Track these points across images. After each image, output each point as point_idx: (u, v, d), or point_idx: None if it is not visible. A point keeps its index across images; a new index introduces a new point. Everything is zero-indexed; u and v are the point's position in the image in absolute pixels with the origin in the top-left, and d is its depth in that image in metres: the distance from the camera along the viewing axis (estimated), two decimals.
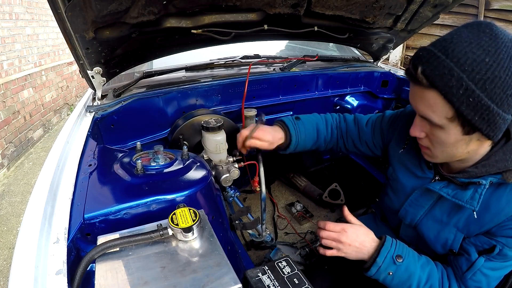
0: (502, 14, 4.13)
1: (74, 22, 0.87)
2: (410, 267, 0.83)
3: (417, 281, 0.83)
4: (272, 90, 1.64)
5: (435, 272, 0.85)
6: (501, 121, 0.63)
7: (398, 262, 0.82)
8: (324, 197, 1.91)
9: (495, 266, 0.78)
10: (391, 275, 0.83)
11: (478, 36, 0.62)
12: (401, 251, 0.84)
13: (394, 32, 1.58)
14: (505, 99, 0.61)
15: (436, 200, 0.87)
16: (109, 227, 0.74)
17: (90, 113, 1.21)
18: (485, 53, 0.60)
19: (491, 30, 0.62)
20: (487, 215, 0.77)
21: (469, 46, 0.61)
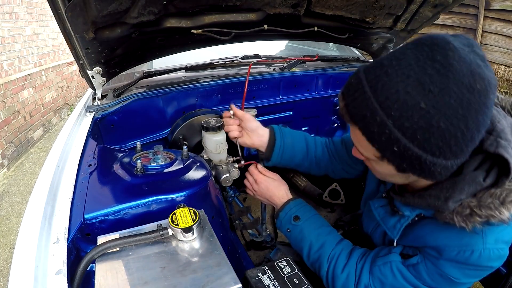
0: (502, 14, 4.14)
1: (74, 22, 0.87)
2: (304, 231, 0.89)
3: (308, 246, 0.88)
4: (272, 90, 1.64)
5: (329, 245, 0.85)
6: (442, 169, 0.54)
7: (294, 222, 0.91)
8: (324, 197, 1.91)
9: (406, 276, 0.72)
10: (289, 231, 0.92)
11: (423, 67, 0.49)
12: (302, 214, 0.91)
13: (394, 32, 1.58)
14: (447, 149, 0.51)
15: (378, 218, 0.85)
16: (109, 227, 0.74)
17: (90, 113, 1.21)
18: (423, 94, 0.48)
19: (445, 58, 0.48)
20: (409, 237, 0.74)
21: (405, 82, 0.49)
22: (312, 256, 0.87)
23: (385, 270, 0.75)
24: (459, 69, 0.47)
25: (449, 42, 0.49)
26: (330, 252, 0.84)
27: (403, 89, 0.49)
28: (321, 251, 0.86)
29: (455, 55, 0.48)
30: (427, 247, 0.69)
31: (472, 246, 0.62)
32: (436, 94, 0.48)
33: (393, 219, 0.75)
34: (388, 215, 0.77)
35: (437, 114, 0.48)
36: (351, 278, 0.80)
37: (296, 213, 0.92)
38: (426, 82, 0.48)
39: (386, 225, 0.77)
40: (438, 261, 0.67)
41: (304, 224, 0.90)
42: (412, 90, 0.49)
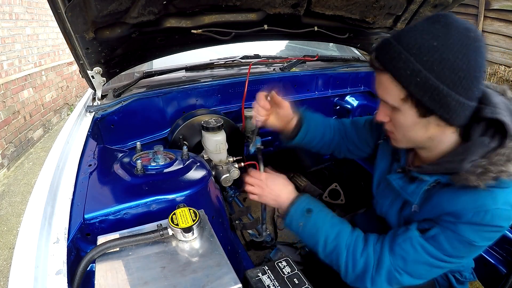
0: (502, 14, 4.14)
1: (74, 22, 0.87)
2: (318, 222, 0.88)
3: (324, 237, 0.87)
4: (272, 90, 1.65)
5: (345, 233, 0.86)
6: (456, 104, 0.65)
7: (307, 215, 0.90)
8: (324, 197, 1.91)
9: (427, 249, 0.76)
10: (301, 226, 0.91)
11: (432, 25, 0.66)
12: (314, 207, 0.91)
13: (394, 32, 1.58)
14: (457, 81, 0.64)
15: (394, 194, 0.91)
16: (109, 227, 0.74)
17: (90, 113, 1.21)
18: (434, 38, 0.64)
19: (446, 19, 0.66)
20: (427, 206, 0.79)
21: (420, 33, 0.66)
22: (329, 246, 0.86)
23: (406, 246, 0.77)
24: (456, 23, 0.65)
25: (446, 14, 0.67)
26: (346, 239, 0.84)
27: (420, 37, 0.65)
28: (337, 239, 0.85)
29: (453, 17, 0.66)
30: (444, 215, 0.74)
31: (485, 207, 0.68)
32: (443, 37, 0.64)
33: (412, 186, 0.82)
34: (407, 184, 0.83)
35: (446, 50, 0.63)
36: (370, 260, 0.80)
37: (308, 206, 0.91)
38: (435, 31, 0.65)
39: (407, 192, 0.83)
40: (456, 226, 0.72)
41: (317, 215, 0.89)
42: (426, 35, 0.65)
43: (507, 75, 4.13)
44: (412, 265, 0.77)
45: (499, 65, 4.25)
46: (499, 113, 0.69)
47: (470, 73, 0.64)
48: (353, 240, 0.84)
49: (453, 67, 0.63)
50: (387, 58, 0.69)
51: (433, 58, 0.64)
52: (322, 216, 0.90)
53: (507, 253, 1.22)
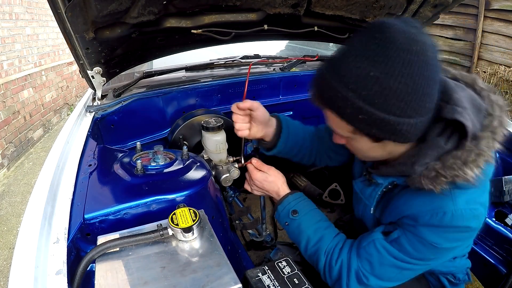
0: (502, 14, 4.14)
1: (74, 22, 0.87)
2: (301, 225, 0.89)
3: (306, 240, 0.88)
4: (272, 90, 1.64)
5: (327, 239, 0.87)
6: (408, 127, 0.59)
7: (292, 216, 0.91)
8: (324, 197, 1.91)
9: (391, 251, 0.74)
10: (287, 225, 0.93)
11: (366, 44, 0.57)
12: (300, 209, 0.91)
13: None
14: (405, 106, 0.57)
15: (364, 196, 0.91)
16: (109, 227, 0.74)
17: (90, 113, 1.21)
18: (370, 65, 0.56)
19: (382, 34, 0.56)
20: (387, 209, 0.79)
21: (355, 60, 0.58)
22: (310, 250, 0.88)
23: (370, 249, 0.78)
24: (395, 37, 0.55)
25: (383, 21, 0.58)
26: (327, 246, 0.85)
27: (355, 66, 0.58)
28: (318, 245, 0.86)
29: (390, 28, 0.56)
30: (404, 218, 0.73)
31: (443, 208, 0.66)
32: (381, 62, 0.56)
33: (369, 189, 0.83)
34: (366, 187, 0.84)
35: (386, 77, 0.56)
36: (344, 266, 0.81)
37: (294, 207, 0.92)
38: (371, 55, 0.57)
39: (365, 195, 0.84)
40: (416, 228, 0.70)
41: (302, 218, 0.90)
42: (362, 63, 0.57)
43: (507, 75, 4.12)
44: (378, 268, 0.77)
45: (499, 65, 4.25)
46: (458, 113, 0.62)
47: (418, 92, 0.57)
48: (333, 246, 0.85)
49: (398, 94, 0.56)
50: (326, 97, 0.64)
51: (373, 91, 0.56)
52: (307, 219, 0.90)
53: (507, 253, 1.22)
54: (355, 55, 0.58)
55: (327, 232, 0.88)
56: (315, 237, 0.87)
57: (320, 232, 0.88)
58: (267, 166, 1.02)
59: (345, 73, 0.59)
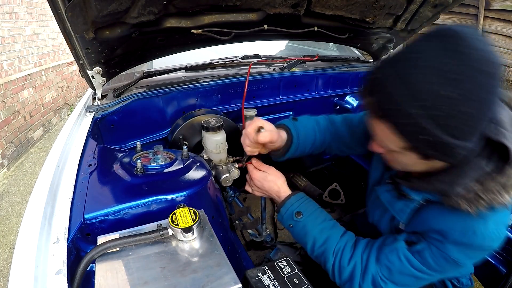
0: (502, 14, 4.13)
1: (74, 22, 0.87)
2: (307, 226, 0.88)
3: (312, 241, 0.87)
4: (272, 90, 1.64)
5: (334, 239, 0.85)
6: (463, 150, 0.57)
7: (296, 218, 0.90)
8: (324, 197, 1.91)
9: (412, 262, 0.75)
10: (291, 227, 0.92)
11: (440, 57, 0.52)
12: (304, 210, 0.90)
13: (394, 32, 1.58)
14: (468, 130, 0.55)
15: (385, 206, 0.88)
16: (109, 227, 0.74)
17: (90, 113, 1.21)
18: (444, 83, 0.52)
19: (458, 47, 0.51)
20: (415, 221, 0.77)
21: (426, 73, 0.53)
22: (317, 251, 0.87)
23: (392, 258, 0.77)
24: (473, 56, 0.51)
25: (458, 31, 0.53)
26: (335, 246, 0.84)
27: (425, 80, 0.53)
28: (325, 245, 0.85)
29: (467, 43, 0.52)
30: (432, 232, 0.72)
31: (474, 228, 0.65)
32: (456, 81, 0.51)
33: (400, 203, 0.79)
34: (395, 199, 0.80)
35: (459, 99, 0.52)
36: (358, 268, 0.80)
37: (297, 208, 0.91)
38: (445, 71, 0.52)
39: (394, 209, 0.80)
40: (443, 244, 0.70)
41: (306, 219, 0.89)
42: (435, 79, 0.52)
43: (507, 75, 4.12)
44: (397, 276, 0.77)
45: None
46: (503, 135, 0.60)
47: (482, 117, 0.55)
48: (342, 246, 0.84)
49: (466, 118, 0.53)
50: (385, 108, 0.58)
51: (443, 112, 0.52)
52: (312, 219, 0.90)
53: (507, 253, 1.22)
54: (426, 67, 0.53)
55: (334, 231, 0.87)
56: (321, 238, 0.86)
57: (326, 232, 0.87)
58: (266, 166, 1.02)
59: (414, 86, 0.53)
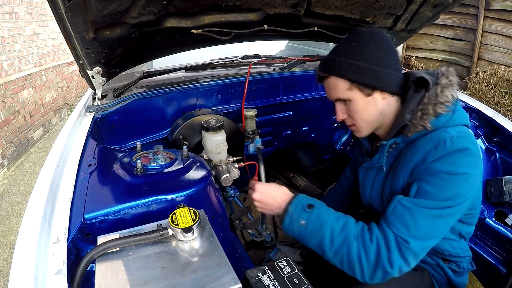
0: (502, 14, 4.13)
1: (74, 22, 0.87)
2: (322, 216, 0.85)
3: (330, 230, 0.82)
4: (272, 90, 1.65)
5: (351, 224, 0.84)
6: (385, 74, 0.85)
7: (309, 210, 0.86)
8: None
9: (419, 202, 0.78)
10: (303, 224, 0.85)
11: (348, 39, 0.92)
12: (314, 202, 0.89)
13: (394, 32, 1.58)
14: (378, 60, 0.85)
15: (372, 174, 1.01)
16: (109, 227, 0.74)
17: (90, 113, 1.21)
18: (351, 41, 0.89)
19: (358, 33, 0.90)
20: (398, 169, 0.88)
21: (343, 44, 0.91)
22: (337, 240, 0.81)
23: (398, 210, 0.80)
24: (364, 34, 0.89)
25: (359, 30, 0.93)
26: (354, 230, 0.82)
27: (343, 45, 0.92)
28: (346, 231, 0.82)
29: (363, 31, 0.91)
30: (413, 168, 0.83)
31: (442, 139, 0.80)
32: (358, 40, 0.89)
33: (375, 157, 0.96)
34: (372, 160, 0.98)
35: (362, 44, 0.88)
36: (381, 241, 0.78)
37: (308, 201, 0.89)
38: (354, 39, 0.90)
39: (373, 164, 0.98)
40: (428, 168, 0.80)
41: (320, 209, 0.87)
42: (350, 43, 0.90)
43: (507, 75, 4.12)
44: (413, 226, 0.77)
45: (499, 65, 4.24)
46: (419, 73, 0.88)
47: (384, 53, 0.86)
48: (359, 229, 0.82)
49: (372, 53, 0.85)
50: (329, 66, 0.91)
51: (356, 52, 0.86)
52: (325, 209, 0.88)
53: (507, 253, 1.22)
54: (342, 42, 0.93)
55: (349, 218, 0.86)
56: (339, 224, 0.83)
57: (342, 218, 0.85)
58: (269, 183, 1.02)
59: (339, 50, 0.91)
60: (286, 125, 1.86)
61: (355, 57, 0.86)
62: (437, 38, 4.82)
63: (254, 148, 1.14)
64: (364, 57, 0.86)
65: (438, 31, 4.78)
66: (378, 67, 0.85)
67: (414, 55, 5.04)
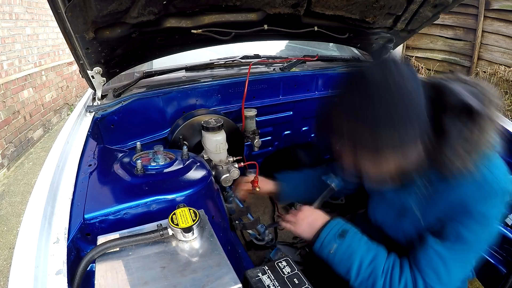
0: (502, 14, 4.13)
1: (74, 22, 0.87)
2: (352, 245, 0.84)
3: (359, 261, 0.81)
4: (272, 90, 1.64)
5: (382, 257, 0.82)
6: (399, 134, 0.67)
7: (340, 239, 0.85)
8: None
9: (449, 246, 0.74)
10: (332, 252, 0.85)
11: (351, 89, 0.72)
12: (347, 230, 0.86)
13: (394, 32, 1.58)
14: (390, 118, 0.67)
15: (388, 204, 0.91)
16: (109, 227, 0.74)
17: (90, 113, 1.21)
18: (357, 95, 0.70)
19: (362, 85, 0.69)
20: (432, 209, 0.79)
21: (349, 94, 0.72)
22: (364, 272, 0.81)
23: (429, 256, 0.76)
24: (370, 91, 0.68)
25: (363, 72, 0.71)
26: (384, 264, 0.80)
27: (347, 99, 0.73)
28: (374, 264, 0.80)
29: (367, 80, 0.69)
30: (451, 209, 0.75)
31: (485, 180, 0.71)
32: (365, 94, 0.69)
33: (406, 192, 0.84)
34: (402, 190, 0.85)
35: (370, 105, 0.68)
36: (409, 285, 0.76)
37: (341, 229, 0.87)
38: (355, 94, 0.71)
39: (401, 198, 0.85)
40: (468, 210, 0.73)
41: (352, 239, 0.85)
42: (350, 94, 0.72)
43: (507, 75, 4.12)
44: (444, 273, 0.75)
45: (499, 65, 4.25)
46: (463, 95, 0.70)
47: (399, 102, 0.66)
48: (391, 265, 0.80)
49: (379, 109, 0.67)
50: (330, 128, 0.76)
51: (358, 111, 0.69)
52: (357, 239, 0.85)
53: (507, 253, 1.22)
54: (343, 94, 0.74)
55: (380, 250, 0.83)
56: (368, 256, 0.81)
57: (373, 250, 0.83)
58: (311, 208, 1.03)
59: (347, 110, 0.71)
60: (286, 125, 1.86)
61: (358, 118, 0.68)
62: (437, 38, 4.82)
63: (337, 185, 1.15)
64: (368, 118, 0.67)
65: (438, 31, 4.78)
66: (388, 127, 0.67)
67: (414, 55, 5.04)
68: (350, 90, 0.72)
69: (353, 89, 0.71)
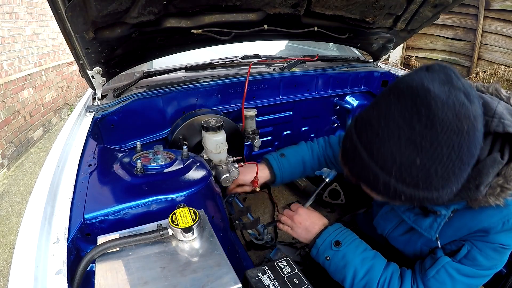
0: (502, 14, 4.14)
1: (74, 22, 0.87)
2: (347, 256, 0.82)
3: (352, 273, 0.80)
4: (272, 90, 1.64)
5: (378, 270, 0.80)
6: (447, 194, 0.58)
7: (335, 248, 0.83)
8: (324, 197, 1.90)
9: (464, 270, 0.73)
10: (328, 260, 0.84)
11: (411, 124, 0.51)
12: (343, 239, 0.84)
13: (394, 32, 1.58)
14: (446, 183, 0.56)
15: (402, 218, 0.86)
16: (109, 227, 0.74)
17: (90, 113, 1.21)
18: (415, 152, 0.52)
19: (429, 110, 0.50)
20: (449, 230, 0.75)
21: (397, 143, 0.52)
22: (358, 284, 0.80)
23: (442, 277, 0.74)
24: (444, 117, 0.50)
25: (429, 90, 0.51)
26: (379, 277, 0.79)
27: (398, 150, 0.53)
28: (368, 276, 0.79)
29: (438, 102, 0.50)
30: (472, 233, 0.72)
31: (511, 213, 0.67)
32: (428, 148, 0.51)
33: (428, 220, 0.76)
34: (421, 217, 0.77)
35: (433, 164, 0.52)
36: None
37: (336, 238, 0.85)
38: (416, 139, 0.51)
39: (421, 227, 0.77)
40: (488, 237, 0.70)
41: (346, 248, 0.83)
42: (406, 149, 0.52)
43: (507, 75, 4.13)
44: None
45: (499, 65, 4.25)
46: (508, 125, 0.61)
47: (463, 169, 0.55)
48: (388, 278, 0.79)
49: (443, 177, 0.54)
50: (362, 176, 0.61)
51: (417, 178, 0.54)
52: (352, 249, 0.83)
53: None
54: (398, 136, 0.52)
55: (376, 261, 0.81)
56: (363, 268, 0.80)
57: (368, 262, 0.81)
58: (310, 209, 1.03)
59: (387, 157, 0.54)
60: (286, 125, 1.86)
61: (413, 184, 0.55)
62: (437, 38, 4.83)
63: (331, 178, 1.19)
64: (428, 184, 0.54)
65: (438, 31, 4.78)
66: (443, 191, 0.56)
67: (414, 55, 5.05)
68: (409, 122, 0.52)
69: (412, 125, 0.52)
